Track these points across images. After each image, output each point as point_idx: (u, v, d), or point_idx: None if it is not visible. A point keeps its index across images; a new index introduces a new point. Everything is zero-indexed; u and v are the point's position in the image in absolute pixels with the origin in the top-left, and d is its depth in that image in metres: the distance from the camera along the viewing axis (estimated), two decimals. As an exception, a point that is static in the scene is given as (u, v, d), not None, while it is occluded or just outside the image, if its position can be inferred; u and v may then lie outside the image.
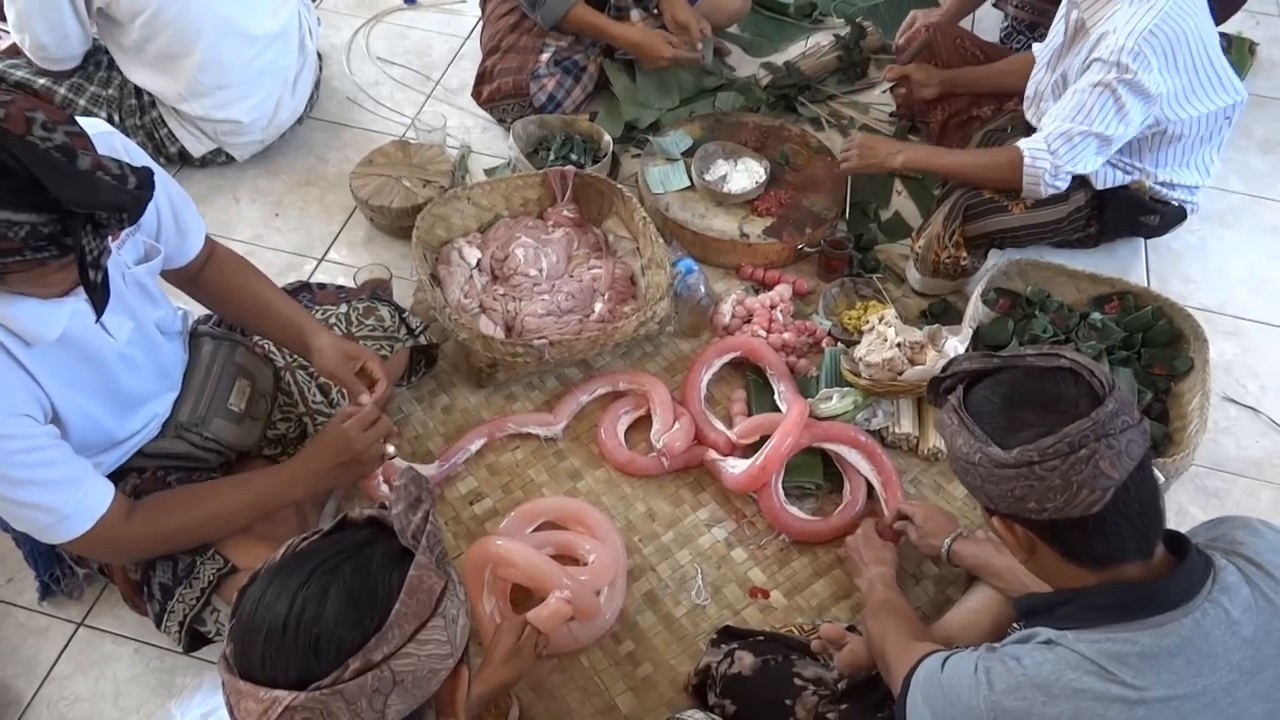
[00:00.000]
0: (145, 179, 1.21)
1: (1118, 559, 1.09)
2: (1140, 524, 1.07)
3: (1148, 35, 1.93)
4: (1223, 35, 3.04)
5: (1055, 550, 1.11)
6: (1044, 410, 1.08)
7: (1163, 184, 2.20)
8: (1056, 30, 2.22)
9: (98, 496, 1.40)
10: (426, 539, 0.87)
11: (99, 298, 1.23)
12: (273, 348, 1.84)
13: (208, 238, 1.67)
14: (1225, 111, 2.11)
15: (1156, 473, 1.10)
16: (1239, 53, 3.04)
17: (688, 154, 2.55)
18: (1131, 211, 2.26)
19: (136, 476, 1.61)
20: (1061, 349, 1.14)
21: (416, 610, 0.84)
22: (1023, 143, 2.10)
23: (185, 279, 1.68)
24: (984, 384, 1.15)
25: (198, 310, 1.80)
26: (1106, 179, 2.22)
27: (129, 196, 1.19)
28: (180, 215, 1.57)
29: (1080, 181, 2.21)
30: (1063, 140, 2.04)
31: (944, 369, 1.21)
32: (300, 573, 0.84)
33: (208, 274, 1.69)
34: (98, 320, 1.39)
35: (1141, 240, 2.53)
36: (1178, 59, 1.97)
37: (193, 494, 1.56)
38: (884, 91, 2.74)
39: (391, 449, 1.61)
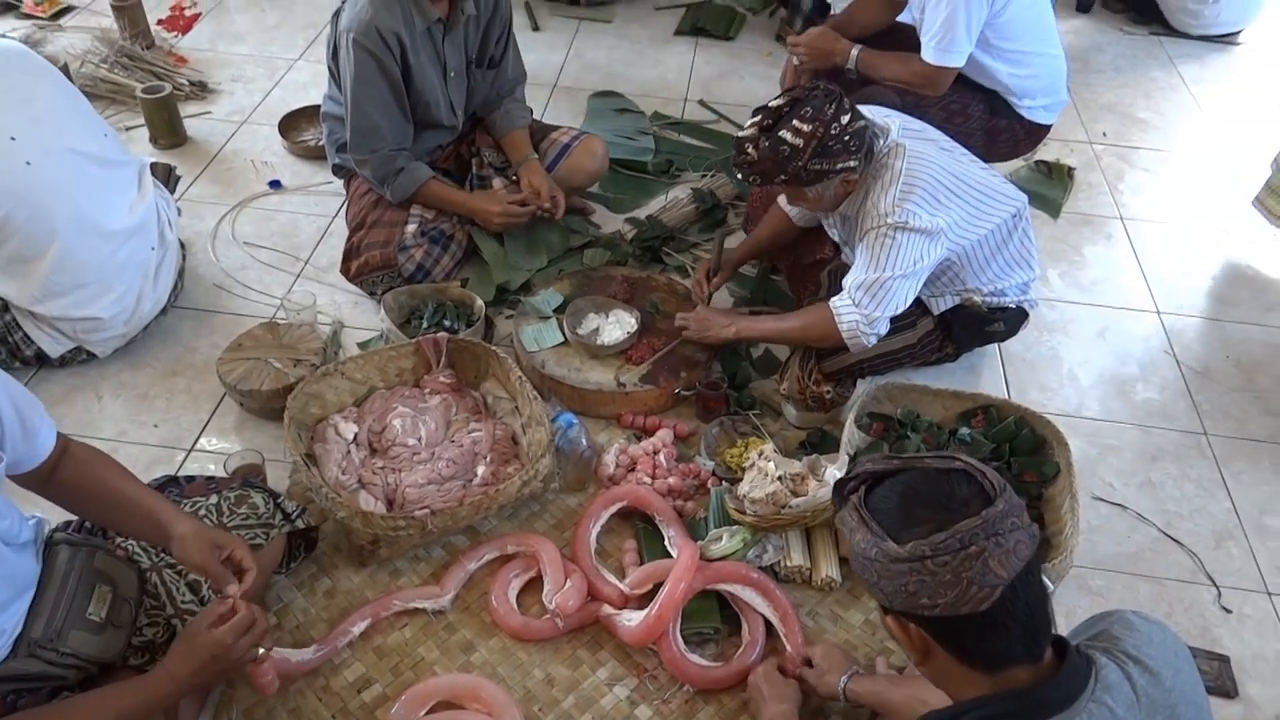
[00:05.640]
0: None
1: (1008, 661, 1.12)
2: (1029, 625, 1.11)
3: (900, 196, 2.09)
4: (1042, 163, 3.34)
5: (948, 651, 1.14)
6: (938, 508, 1.13)
7: (992, 294, 2.33)
8: (833, 235, 2.40)
9: None
10: None
11: None
12: (137, 548, 1.75)
13: (60, 436, 1.60)
14: (1012, 218, 2.26)
15: (1046, 580, 1.15)
16: (1059, 177, 3.32)
17: (560, 311, 2.60)
18: (976, 324, 2.39)
19: (-18, 705, 1.48)
20: (958, 453, 1.20)
21: None
22: (832, 300, 2.21)
23: (37, 481, 1.60)
24: (884, 484, 1.21)
25: (55, 516, 1.71)
26: (939, 305, 2.36)
27: None
28: (26, 418, 1.50)
29: (924, 309, 2.34)
30: (862, 291, 2.16)
31: (848, 471, 1.26)
32: None
33: (62, 474, 1.61)
34: None
35: (999, 355, 2.67)
36: (940, 198, 2.13)
37: (41, 718, 1.43)
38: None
39: (262, 648, 1.53)
